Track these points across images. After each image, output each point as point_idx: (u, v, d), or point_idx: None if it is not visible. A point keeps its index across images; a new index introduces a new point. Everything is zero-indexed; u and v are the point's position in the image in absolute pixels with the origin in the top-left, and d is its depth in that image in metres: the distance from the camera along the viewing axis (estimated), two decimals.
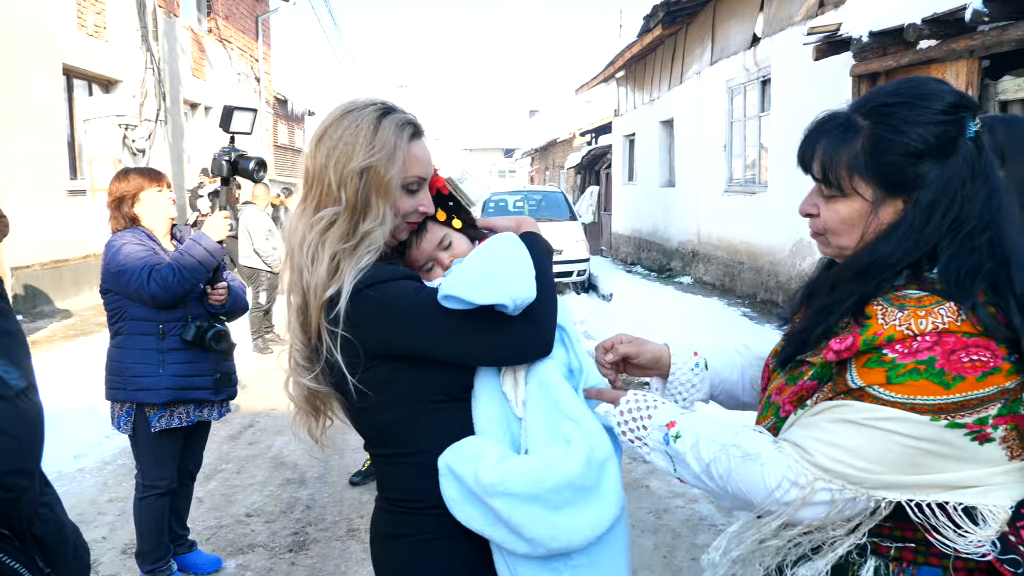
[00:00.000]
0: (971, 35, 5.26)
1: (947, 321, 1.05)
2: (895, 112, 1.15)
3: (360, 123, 1.36)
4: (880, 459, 1.06)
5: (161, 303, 3.02)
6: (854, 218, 1.18)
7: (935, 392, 1.02)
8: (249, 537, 3.85)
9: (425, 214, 1.46)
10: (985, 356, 1.03)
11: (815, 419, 1.12)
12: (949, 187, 1.12)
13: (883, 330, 1.07)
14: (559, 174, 29.62)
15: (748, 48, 9.93)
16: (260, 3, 18.86)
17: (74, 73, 10.80)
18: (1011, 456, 1.06)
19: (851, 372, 1.09)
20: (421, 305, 1.32)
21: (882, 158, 1.14)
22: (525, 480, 1.27)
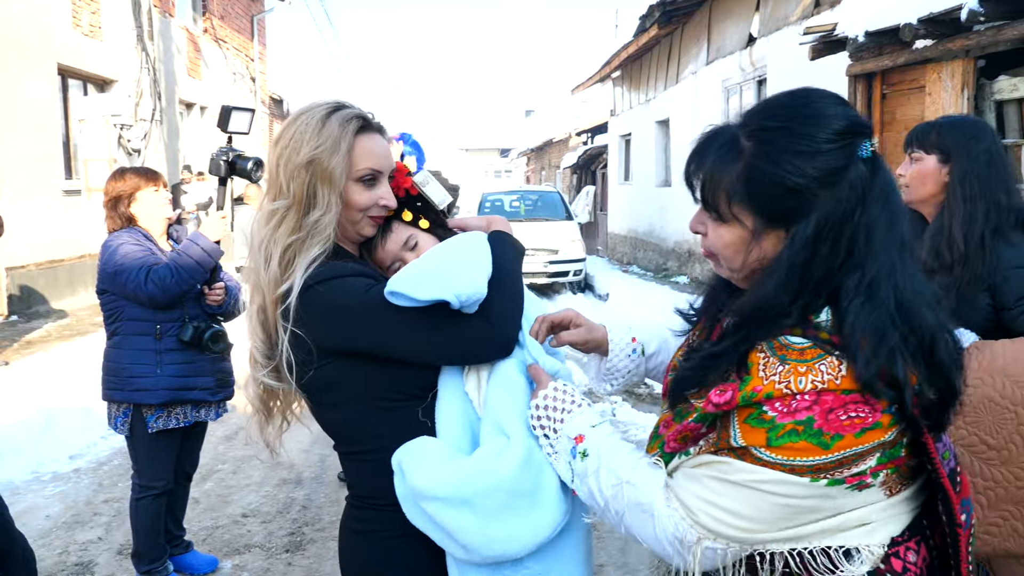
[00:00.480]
0: (967, 35, 5.27)
1: (826, 379, 1.00)
2: (774, 139, 1.06)
3: (309, 121, 1.41)
4: (762, 519, 1.04)
5: (159, 304, 3.01)
6: (737, 244, 1.11)
7: (814, 453, 0.99)
8: (245, 537, 3.84)
9: (386, 207, 1.46)
10: (864, 412, 1.00)
11: (698, 472, 1.08)
12: (832, 219, 1.04)
13: (762, 386, 1.02)
14: (555, 174, 29.63)
15: (744, 48, 9.95)
16: (255, 3, 18.83)
17: (69, 73, 10.77)
18: (890, 494, 1.07)
19: (734, 427, 1.04)
20: (370, 302, 1.32)
21: (757, 189, 1.06)
22: (450, 484, 1.25)
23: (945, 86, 5.64)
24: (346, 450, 1.47)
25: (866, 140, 1.07)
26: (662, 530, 1.09)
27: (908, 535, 1.09)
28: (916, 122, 6.27)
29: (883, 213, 1.05)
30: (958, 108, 5.55)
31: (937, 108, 5.74)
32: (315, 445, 5.00)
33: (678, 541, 1.08)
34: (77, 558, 3.62)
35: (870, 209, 1.04)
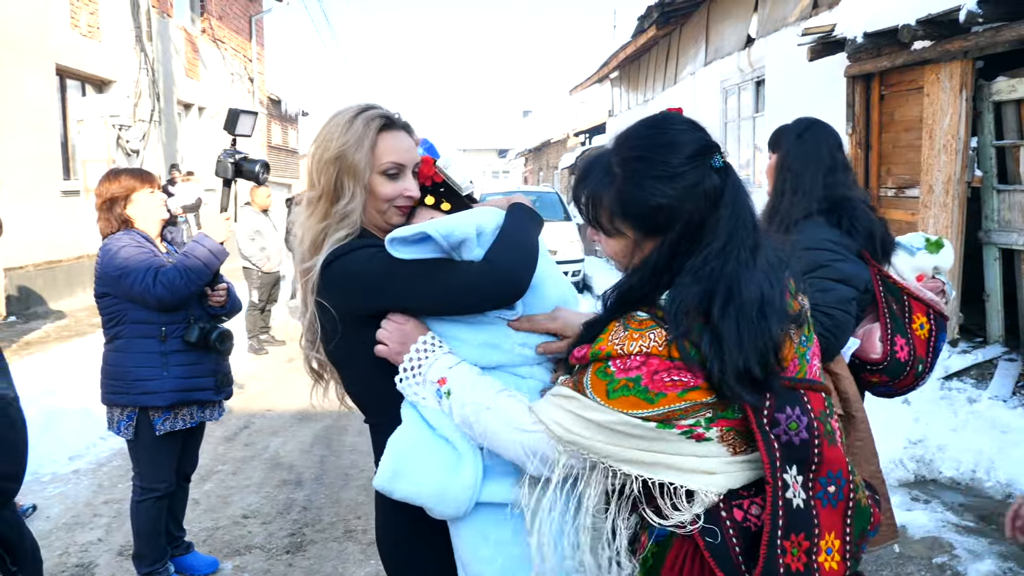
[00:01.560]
0: (965, 36, 5.29)
1: (651, 345, 1.20)
2: (636, 167, 1.27)
3: (339, 120, 1.58)
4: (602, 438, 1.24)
5: (167, 306, 3.01)
6: (624, 251, 1.33)
7: (642, 407, 1.20)
8: (246, 538, 3.84)
9: (410, 198, 1.61)
10: (686, 377, 1.19)
11: (559, 403, 1.29)
12: (692, 223, 1.24)
13: (605, 347, 1.24)
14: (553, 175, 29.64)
15: (742, 49, 9.96)
16: (253, 3, 18.81)
17: (67, 73, 10.76)
18: (734, 452, 1.24)
19: (587, 375, 1.26)
20: (380, 262, 1.44)
21: (630, 210, 1.27)
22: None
23: (943, 87, 5.65)
24: (372, 421, 1.60)
25: (716, 155, 1.27)
26: (524, 443, 1.30)
27: (755, 492, 1.25)
28: (915, 123, 6.31)
29: (728, 211, 1.25)
30: (956, 109, 5.56)
31: (935, 109, 5.75)
32: (315, 446, 5.01)
33: (534, 452, 1.29)
34: (77, 559, 3.62)
35: (721, 210, 1.25)
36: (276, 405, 6.27)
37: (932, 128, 5.78)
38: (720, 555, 1.22)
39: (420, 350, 1.44)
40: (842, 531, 1.27)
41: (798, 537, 1.21)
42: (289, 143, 27.41)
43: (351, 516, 4.05)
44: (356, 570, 3.50)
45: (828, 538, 1.24)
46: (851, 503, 1.29)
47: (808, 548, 1.22)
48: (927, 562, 3.43)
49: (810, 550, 1.22)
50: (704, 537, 1.23)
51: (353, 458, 4.91)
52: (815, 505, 1.24)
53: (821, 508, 1.25)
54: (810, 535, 1.22)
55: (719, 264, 1.23)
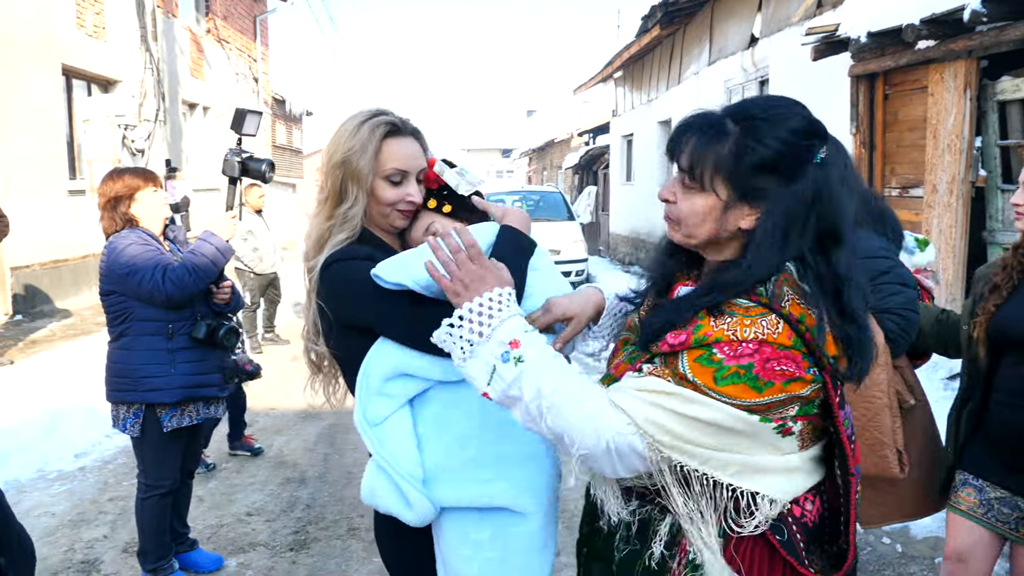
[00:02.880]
0: (969, 35, 5.28)
1: (766, 333, 1.18)
2: (760, 125, 1.25)
3: (348, 126, 1.63)
4: (700, 440, 1.20)
5: (175, 303, 3.03)
6: (707, 212, 1.28)
7: (750, 395, 1.17)
8: (250, 536, 3.86)
9: (413, 203, 1.65)
10: (791, 367, 1.18)
11: (654, 399, 1.21)
12: (793, 209, 1.23)
13: (713, 332, 1.20)
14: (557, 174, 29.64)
15: (746, 48, 9.95)
16: (258, 3, 18.85)
17: (73, 73, 10.79)
18: (802, 447, 1.27)
19: (683, 361, 1.21)
20: (370, 284, 1.47)
21: (742, 164, 1.24)
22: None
23: (948, 87, 5.64)
24: None
25: (824, 145, 1.26)
26: (612, 443, 1.20)
27: (808, 488, 1.30)
28: (919, 122, 6.30)
29: (839, 209, 1.25)
30: (961, 108, 5.55)
31: (940, 109, 5.75)
32: (319, 444, 5.03)
33: (621, 455, 1.21)
34: (83, 556, 3.64)
35: (825, 204, 1.24)
36: (280, 403, 6.29)
37: (936, 128, 5.78)
38: (791, 551, 1.25)
39: (494, 300, 1.29)
40: (853, 539, 1.33)
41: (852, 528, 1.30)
42: (293, 143, 27.45)
43: (354, 514, 4.07)
44: (359, 567, 3.51)
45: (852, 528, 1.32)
46: (857, 496, 1.34)
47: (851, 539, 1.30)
48: (930, 562, 3.42)
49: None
50: (775, 535, 1.25)
51: (356, 456, 4.92)
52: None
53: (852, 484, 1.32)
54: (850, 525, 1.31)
55: (848, 271, 1.24)
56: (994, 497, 2.22)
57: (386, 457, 1.49)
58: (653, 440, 1.20)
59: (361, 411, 1.52)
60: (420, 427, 1.53)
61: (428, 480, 1.51)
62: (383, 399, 1.52)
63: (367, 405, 1.52)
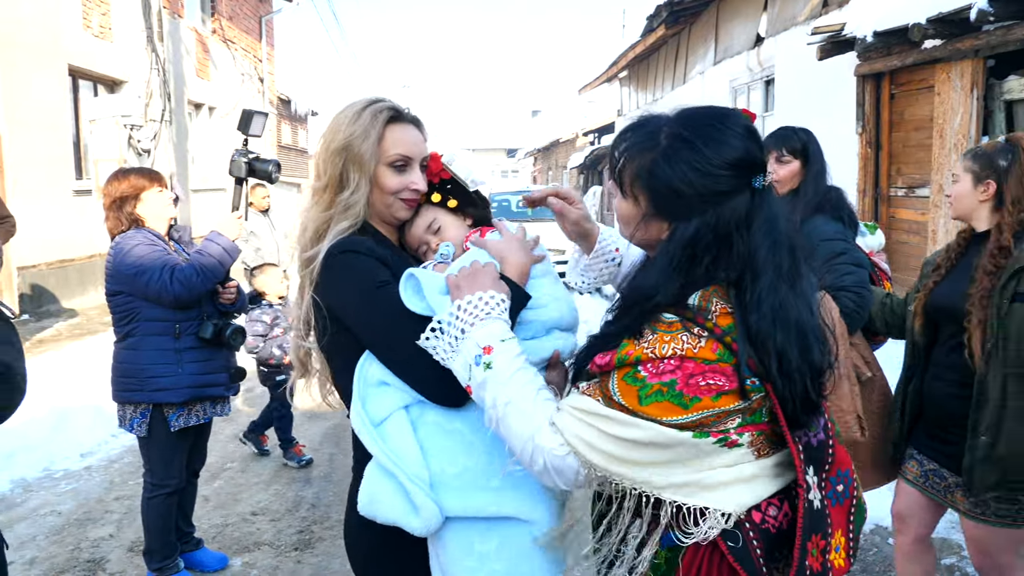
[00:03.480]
0: (976, 35, 5.26)
1: (685, 348, 1.16)
2: (682, 147, 1.22)
3: (347, 112, 1.57)
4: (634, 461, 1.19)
5: (183, 303, 3.05)
6: (630, 217, 1.30)
7: (676, 412, 1.14)
8: (255, 535, 3.86)
9: (417, 192, 1.59)
10: (720, 380, 1.15)
11: (586, 419, 1.20)
12: (711, 230, 1.20)
13: (633, 351, 1.18)
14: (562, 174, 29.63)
15: (752, 48, 9.93)
16: (263, 3, 18.89)
17: (80, 74, 10.83)
18: (758, 455, 1.23)
19: (613, 381, 1.19)
20: (375, 298, 1.43)
21: (652, 182, 1.24)
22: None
23: (954, 86, 5.62)
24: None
25: (760, 175, 1.23)
26: (548, 460, 1.22)
27: (772, 493, 1.25)
28: (925, 122, 6.28)
29: (766, 239, 1.21)
30: (967, 108, 5.53)
31: (946, 108, 5.73)
32: (324, 444, 5.03)
33: (559, 471, 1.22)
34: (89, 555, 3.65)
35: (755, 235, 1.21)
36: None
37: (943, 127, 5.76)
38: (743, 558, 1.20)
39: (484, 301, 1.34)
40: (846, 529, 1.28)
41: (816, 537, 1.21)
42: (299, 143, 27.50)
43: None
44: None
45: (837, 535, 1.26)
46: (854, 501, 1.30)
47: (823, 548, 1.23)
48: (936, 563, 3.41)
49: (824, 549, 1.23)
50: (726, 542, 1.21)
51: None
52: (826, 504, 1.25)
53: (831, 507, 1.26)
54: (825, 535, 1.23)
55: (773, 298, 1.19)
56: (929, 469, 2.46)
57: (391, 457, 1.40)
58: (585, 459, 1.20)
59: (360, 407, 1.44)
60: (421, 431, 1.44)
61: (432, 488, 1.41)
62: (383, 395, 1.44)
63: (366, 401, 1.44)
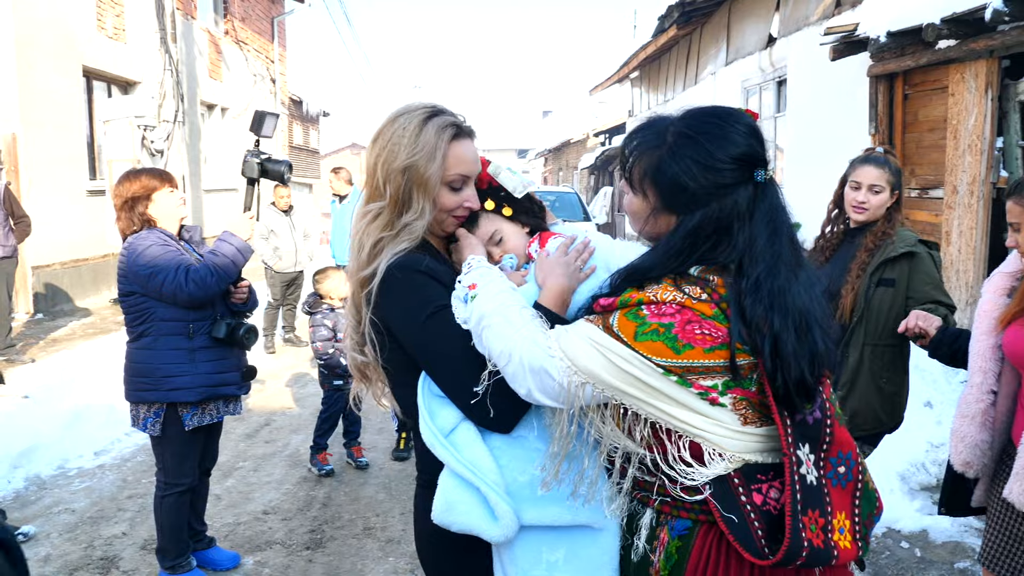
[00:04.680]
0: (991, 35, 5.22)
1: (686, 298, 1.23)
2: (687, 145, 1.30)
3: (407, 125, 1.50)
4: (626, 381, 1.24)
5: (197, 303, 3.07)
6: (639, 212, 1.38)
7: (667, 355, 1.21)
8: (267, 534, 3.88)
9: (470, 209, 1.57)
10: (716, 332, 1.21)
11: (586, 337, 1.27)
12: (713, 221, 1.27)
13: (636, 295, 1.25)
14: (572, 175, 29.60)
15: (764, 48, 9.89)
16: (276, 5, 18.97)
17: (94, 75, 10.91)
18: (744, 422, 1.26)
19: (614, 316, 1.26)
20: (432, 324, 1.41)
21: (660, 177, 1.31)
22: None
23: (968, 87, 5.58)
24: (415, 428, 1.53)
25: (761, 169, 1.30)
26: (533, 363, 1.27)
27: (773, 475, 1.28)
28: (939, 123, 6.23)
29: (765, 229, 1.27)
30: (982, 109, 5.49)
31: (960, 109, 5.69)
32: (335, 443, 5.04)
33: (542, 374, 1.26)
34: (102, 552, 3.68)
35: (756, 225, 1.27)
36: (296, 403, 6.33)
37: (957, 128, 5.71)
38: (743, 537, 1.23)
39: (469, 264, 1.46)
40: (851, 512, 1.29)
41: (814, 513, 1.24)
42: (310, 143, 27.59)
43: (370, 513, 4.09)
44: (375, 567, 3.53)
45: (840, 517, 1.27)
46: (859, 485, 1.32)
47: (824, 525, 1.24)
48: (949, 567, 3.39)
49: (825, 527, 1.25)
50: (726, 521, 1.24)
51: (372, 456, 4.94)
52: (826, 484, 1.27)
53: (832, 487, 1.28)
54: (824, 512, 1.25)
55: (772, 283, 1.24)
56: None
57: (468, 465, 1.37)
58: (572, 364, 1.25)
59: (428, 420, 1.42)
60: (488, 440, 1.41)
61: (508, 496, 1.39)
62: (448, 405, 1.43)
63: (434, 412, 1.43)
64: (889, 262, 2.78)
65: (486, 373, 1.35)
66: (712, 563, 1.26)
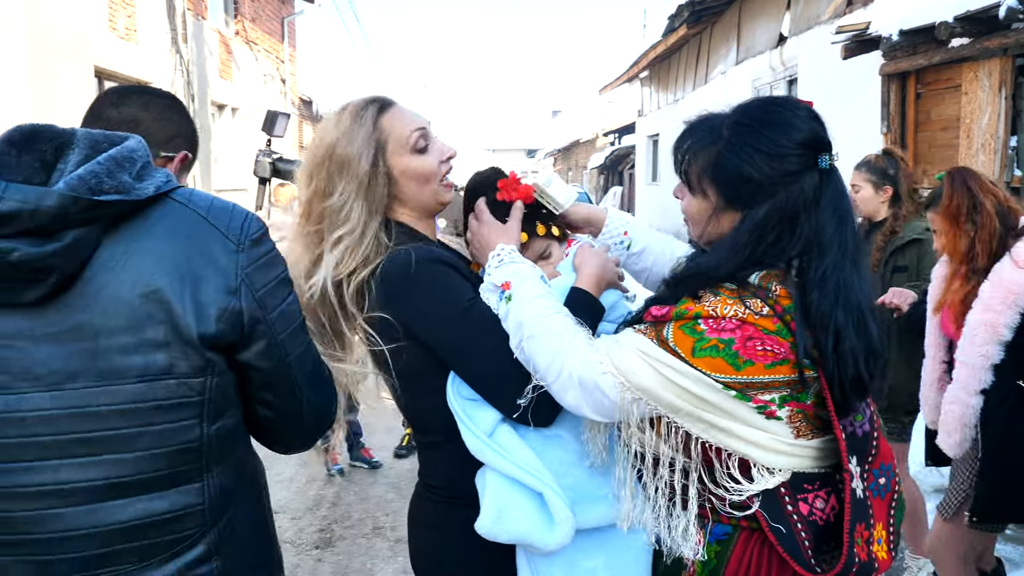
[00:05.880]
0: (1005, 33, 5.17)
1: (748, 313, 1.17)
2: (746, 135, 1.25)
3: (325, 124, 1.46)
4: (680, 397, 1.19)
5: None
6: (700, 214, 1.31)
7: (727, 371, 1.16)
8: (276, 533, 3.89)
9: (451, 157, 1.48)
10: (777, 348, 1.16)
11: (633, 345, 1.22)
12: (780, 212, 1.22)
13: (693, 307, 1.19)
14: (582, 174, 29.59)
15: (774, 47, 9.85)
16: (286, 5, 19.04)
17: (105, 75, 10.98)
18: (797, 435, 1.22)
19: (668, 328, 1.20)
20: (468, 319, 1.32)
21: (722, 173, 1.26)
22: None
23: (982, 85, 5.54)
24: (425, 439, 1.47)
25: (826, 154, 1.24)
26: (582, 377, 1.22)
27: (818, 486, 1.25)
28: (952, 122, 6.20)
29: (833, 217, 1.23)
30: (995, 108, 5.45)
31: (974, 107, 5.64)
32: (344, 443, 5.04)
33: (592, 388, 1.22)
34: None
35: (823, 213, 1.22)
36: None
37: (970, 127, 5.67)
38: (791, 548, 1.20)
39: (499, 256, 1.39)
40: (887, 522, 1.28)
41: (860, 527, 1.21)
42: None
43: (379, 513, 4.09)
44: (384, 566, 3.53)
45: (878, 528, 1.26)
46: (895, 495, 1.30)
47: (867, 538, 1.23)
48: None
49: (869, 540, 1.23)
50: (774, 531, 1.21)
51: (381, 456, 4.95)
52: (868, 496, 1.25)
53: (872, 499, 1.26)
54: (868, 526, 1.23)
55: (838, 276, 1.20)
56: None
57: (522, 466, 1.29)
58: (626, 380, 1.20)
59: (469, 423, 1.33)
60: (527, 443, 1.34)
61: None
62: (483, 406, 1.34)
63: (472, 414, 1.33)
64: (899, 250, 3.09)
65: (530, 387, 1.29)
66: (753, 570, 1.24)
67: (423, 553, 1.47)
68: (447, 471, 1.42)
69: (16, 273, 0.92)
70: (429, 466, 1.47)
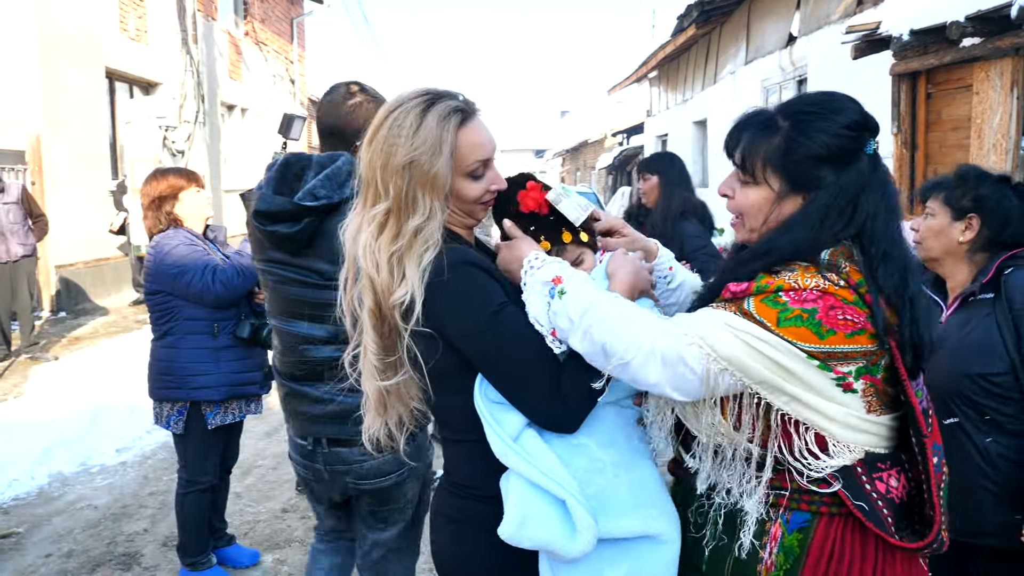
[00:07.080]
0: (1017, 32, 5.14)
1: (827, 284, 1.23)
2: (810, 120, 1.32)
3: (403, 120, 1.35)
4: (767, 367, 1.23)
5: (224, 303, 3.10)
6: (761, 204, 1.36)
7: (811, 340, 1.21)
8: (286, 532, 3.90)
9: (498, 191, 1.46)
10: (857, 318, 1.22)
11: (716, 318, 1.25)
12: (844, 193, 1.30)
13: (773, 281, 1.25)
14: (590, 175, 29.56)
15: (784, 47, 9.82)
16: (295, 6, 19.10)
17: (116, 76, 11.05)
18: (868, 409, 1.28)
19: (749, 302, 1.25)
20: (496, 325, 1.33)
21: (791, 157, 1.31)
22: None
23: (994, 85, 5.51)
24: (451, 436, 1.48)
25: (873, 138, 1.33)
26: (665, 351, 1.22)
27: (890, 465, 1.31)
28: (963, 122, 6.16)
29: (883, 200, 1.31)
30: (1007, 107, 5.42)
31: (985, 108, 5.61)
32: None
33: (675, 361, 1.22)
34: (124, 548, 3.72)
35: (873, 195, 1.30)
36: None
37: (981, 127, 5.64)
38: (878, 523, 1.25)
39: (531, 262, 1.39)
40: (937, 502, 1.29)
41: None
42: None
43: None
44: None
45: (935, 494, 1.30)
46: (944, 476, 1.33)
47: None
48: None
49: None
50: (857, 507, 1.25)
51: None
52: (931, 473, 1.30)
53: (935, 475, 1.30)
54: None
55: (897, 251, 1.29)
56: None
57: (547, 473, 1.27)
58: (712, 351, 1.22)
59: (495, 426, 1.32)
60: (552, 445, 1.33)
61: None
62: (509, 410, 1.34)
63: (499, 417, 1.33)
64: None
65: (601, 383, 1.29)
66: (836, 555, 1.26)
67: (444, 547, 1.49)
68: (470, 469, 1.43)
69: (283, 240, 2.00)
70: (453, 462, 1.49)
